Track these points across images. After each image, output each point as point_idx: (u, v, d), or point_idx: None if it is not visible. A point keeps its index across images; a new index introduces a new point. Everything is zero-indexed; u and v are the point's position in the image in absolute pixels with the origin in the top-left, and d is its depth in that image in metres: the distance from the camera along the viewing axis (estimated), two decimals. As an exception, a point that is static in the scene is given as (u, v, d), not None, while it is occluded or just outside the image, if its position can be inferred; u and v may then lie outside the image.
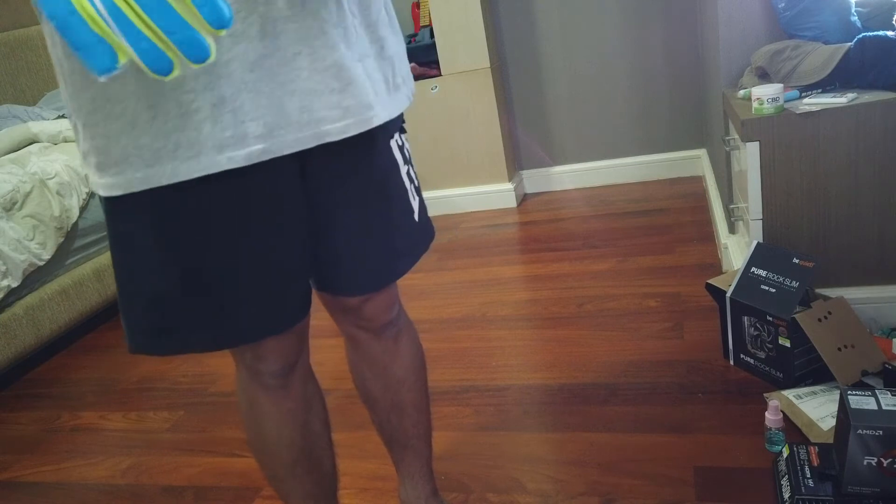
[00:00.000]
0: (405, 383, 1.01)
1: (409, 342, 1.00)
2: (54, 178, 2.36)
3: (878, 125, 1.38)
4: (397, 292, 0.94)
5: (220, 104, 0.65)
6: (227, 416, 1.72)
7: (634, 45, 2.79)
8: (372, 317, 0.92)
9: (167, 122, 0.65)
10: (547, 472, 1.28)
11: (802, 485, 1.04)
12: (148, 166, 0.67)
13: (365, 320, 0.93)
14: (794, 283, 1.34)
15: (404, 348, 0.99)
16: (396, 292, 0.94)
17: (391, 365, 0.99)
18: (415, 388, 1.03)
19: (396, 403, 1.03)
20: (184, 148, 0.66)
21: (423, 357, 1.03)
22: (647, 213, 2.58)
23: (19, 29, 3.27)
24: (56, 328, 2.29)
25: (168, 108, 0.65)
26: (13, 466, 1.68)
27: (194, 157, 0.67)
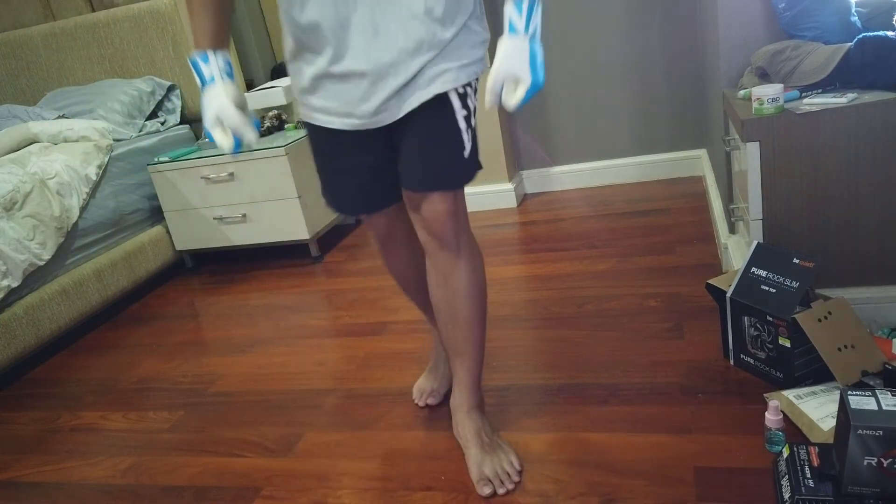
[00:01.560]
0: (459, 296, 1.22)
1: (468, 261, 1.22)
2: (54, 178, 2.36)
3: (878, 125, 1.38)
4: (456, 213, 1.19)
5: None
6: (227, 415, 1.72)
7: (635, 46, 2.79)
8: (430, 218, 1.18)
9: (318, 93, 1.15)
10: (547, 473, 1.28)
11: (803, 485, 1.04)
12: (309, 111, 1.19)
13: (427, 221, 1.20)
14: (794, 284, 1.34)
15: (464, 264, 1.22)
16: (454, 211, 1.18)
17: (450, 276, 1.22)
18: (468, 303, 1.23)
19: (452, 314, 1.26)
20: (320, 112, 1.17)
21: (482, 281, 1.24)
22: (648, 213, 2.58)
23: (19, 29, 3.27)
24: (56, 328, 2.29)
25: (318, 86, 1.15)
26: (13, 466, 1.68)
27: (327, 116, 1.16)
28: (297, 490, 1.37)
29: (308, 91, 1.15)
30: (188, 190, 2.74)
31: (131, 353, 2.23)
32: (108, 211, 2.60)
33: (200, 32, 1.13)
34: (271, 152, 2.57)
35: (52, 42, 3.22)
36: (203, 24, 1.13)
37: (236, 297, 2.56)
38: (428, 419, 1.53)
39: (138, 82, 3.06)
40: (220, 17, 1.14)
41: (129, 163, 2.77)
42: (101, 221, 2.56)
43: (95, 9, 3.26)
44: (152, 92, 3.07)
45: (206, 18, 1.13)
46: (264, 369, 1.93)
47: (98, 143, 2.63)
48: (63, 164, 2.43)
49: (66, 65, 3.25)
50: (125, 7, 3.09)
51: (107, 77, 3.21)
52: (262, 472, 1.46)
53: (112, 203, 2.63)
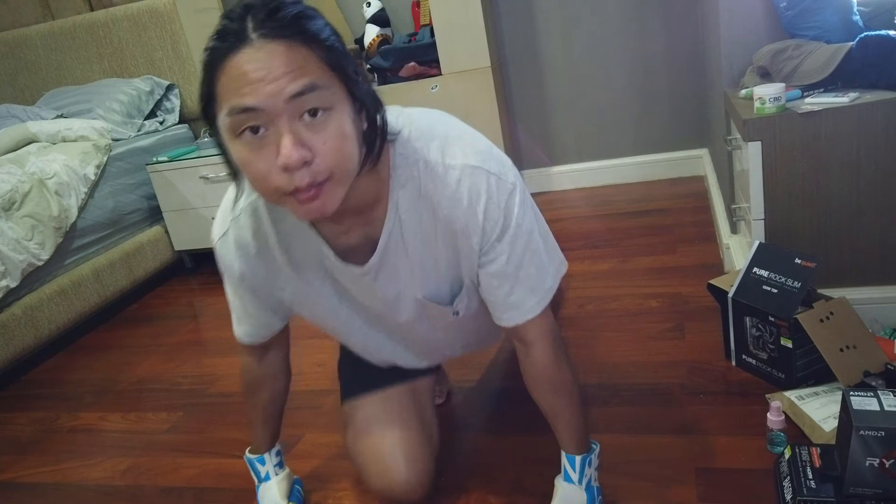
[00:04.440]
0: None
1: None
2: (53, 178, 2.36)
3: (879, 125, 1.37)
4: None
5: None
6: (226, 416, 1.72)
7: (635, 45, 2.78)
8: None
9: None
10: (547, 473, 1.27)
11: (804, 486, 1.04)
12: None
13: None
14: (795, 284, 1.34)
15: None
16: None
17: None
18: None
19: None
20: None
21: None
22: (649, 213, 2.57)
23: (19, 28, 3.26)
24: (55, 328, 2.29)
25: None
26: (12, 467, 1.67)
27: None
28: (297, 491, 1.37)
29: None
30: (187, 190, 2.74)
31: (130, 354, 2.22)
32: (106, 211, 2.59)
33: (260, 440, 1.27)
34: (271, 152, 2.56)
35: (50, 41, 3.21)
36: (263, 435, 1.27)
37: (236, 297, 2.56)
38: (428, 420, 1.52)
39: (137, 82, 3.05)
40: (277, 425, 1.28)
41: (128, 162, 2.76)
42: (100, 221, 2.56)
43: (94, 8, 3.25)
44: (151, 91, 3.06)
45: (268, 430, 1.27)
46: (264, 370, 1.92)
47: (97, 143, 2.63)
48: (62, 164, 2.42)
49: (65, 64, 3.24)
50: (124, 6, 3.09)
51: (105, 77, 3.20)
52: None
53: (111, 203, 2.62)
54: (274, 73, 0.72)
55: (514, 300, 0.99)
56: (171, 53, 3.09)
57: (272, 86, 0.72)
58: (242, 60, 0.72)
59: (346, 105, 0.78)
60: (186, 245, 2.87)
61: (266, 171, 0.75)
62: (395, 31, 2.99)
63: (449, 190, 0.91)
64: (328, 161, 0.76)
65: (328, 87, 0.75)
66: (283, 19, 0.73)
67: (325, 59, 0.76)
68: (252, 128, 0.74)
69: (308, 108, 0.74)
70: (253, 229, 0.99)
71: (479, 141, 0.95)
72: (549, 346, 1.05)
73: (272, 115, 0.73)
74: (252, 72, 0.72)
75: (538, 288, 1.00)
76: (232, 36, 0.73)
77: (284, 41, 0.73)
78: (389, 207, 0.92)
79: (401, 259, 0.97)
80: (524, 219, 0.94)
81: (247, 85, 0.72)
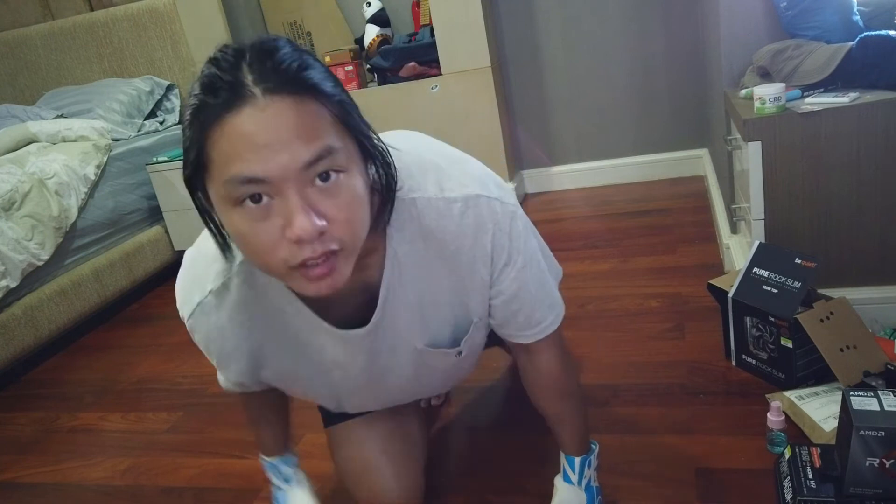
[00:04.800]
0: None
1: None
2: (53, 178, 2.36)
3: (880, 125, 1.37)
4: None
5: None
6: (226, 417, 1.72)
7: (635, 45, 2.78)
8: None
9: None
10: (547, 474, 1.27)
11: (804, 486, 1.04)
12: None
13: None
14: (796, 284, 1.34)
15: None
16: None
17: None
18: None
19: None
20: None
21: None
22: (649, 213, 2.57)
23: (19, 28, 3.26)
24: (55, 328, 2.29)
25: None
26: (11, 467, 1.67)
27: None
28: (297, 491, 1.37)
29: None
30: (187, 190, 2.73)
31: (130, 354, 2.22)
32: (106, 211, 2.59)
33: (278, 439, 1.17)
34: (271, 152, 2.57)
35: (50, 41, 3.21)
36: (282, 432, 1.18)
37: (236, 297, 2.55)
38: (428, 420, 1.52)
39: (137, 82, 3.05)
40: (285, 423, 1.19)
41: (128, 162, 2.76)
42: (100, 221, 2.55)
43: (94, 8, 3.25)
44: (151, 91, 3.06)
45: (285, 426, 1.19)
46: (264, 370, 1.92)
47: (97, 143, 2.63)
48: (62, 164, 2.42)
49: (65, 64, 3.24)
50: (124, 6, 3.09)
51: (105, 76, 3.20)
52: (261, 473, 1.44)
53: (111, 203, 2.62)
54: (284, 138, 0.61)
55: (535, 320, 0.96)
56: (171, 53, 3.09)
57: (284, 154, 0.61)
58: (245, 122, 0.61)
59: (358, 164, 0.70)
60: (186, 245, 2.84)
61: (271, 244, 0.65)
62: (395, 31, 2.99)
63: (453, 224, 0.83)
64: (342, 230, 0.67)
65: (342, 148, 0.66)
66: (288, 71, 0.63)
67: (336, 113, 0.66)
68: (253, 195, 0.64)
69: (320, 172, 0.64)
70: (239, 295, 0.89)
71: (470, 165, 0.89)
72: (557, 353, 1.03)
73: (280, 185, 0.63)
74: (258, 136, 0.61)
75: (553, 303, 0.99)
76: (227, 90, 0.61)
77: (291, 97, 0.62)
78: (387, 256, 0.83)
79: (400, 310, 0.88)
80: (528, 240, 0.91)
81: (251, 152, 0.61)
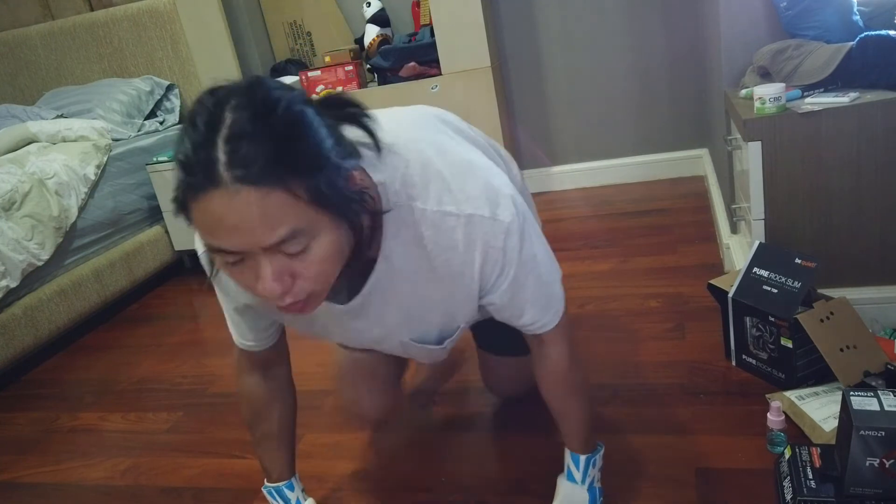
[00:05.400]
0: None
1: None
2: (53, 178, 2.36)
3: (880, 125, 1.37)
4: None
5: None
6: (226, 417, 1.72)
7: (635, 44, 2.78)
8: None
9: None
10: (548, 473, 1.27)
11: (804, 486, 1.04)
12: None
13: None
14: (796, 284, 1.34)
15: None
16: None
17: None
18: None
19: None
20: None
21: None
22: (649, 213, 2.57)
23: (19, 28, 3.26)
24: (55, 328, 2.29)
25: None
26: (11, 467, 1.67)
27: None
28: (297, 491, 1.37)
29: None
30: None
31: (130, 354, 2.22)
32: (106, 211, 2.59)
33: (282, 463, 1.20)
34: (271, 152, 2.56)
35: (50, 41, 3.21)
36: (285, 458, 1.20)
37: (235, 297, 2.55)
38: (428, 420, 1.52)
39: (137, 82, 3.05)
40: (294, 445, 1.22)
41: (128, 162, 2.76)
42: (100, 221, 2.55)
43: (94, 8, 3.25)
44: (151, 91, 3.06)
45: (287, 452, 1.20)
46: (264, 370, 1.92)
47: (97, 143, 2.63)
48: (62, 164, 2.42)
49: (65, 64, 3.24)
50: (124, 6, 3.09)
51: (105, 76, 3.20)
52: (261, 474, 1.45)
53: (111, 203, 2.62)
54: (249, 226, 0.66)
55: (528, 319, 1.00)
56: (171, 53, 3.09)
57: (249, 237, 0.67)
58: (215, 205, 0.66)
59: (330, 228, 0.73)
60: (186, 245, 2.87)
61: (247, 286, 0.73)
62: (395, 31, 2.99)
63: (445, 238, 0.87)
64: (311, 283, 0.74)
65: (310, 225, 0.70)
66: (257, 162, 0.65)
67: (306, 195, 0.68)
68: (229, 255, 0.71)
69: (286, 247, 0.70)
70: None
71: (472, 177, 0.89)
72: (565, 348, 1.06)
73: (251, 253, 0.70)
74: (226, 219, 0.66)
75: (549, 304, 1.01)
76: (200, 171, 0.65)
77: (258, 190, 0.65)
78: (380, 257, 0.88)
79: (385, 306, 0.94)
80: (524, 250, 0.91)
81: (222, 230, 0.67)
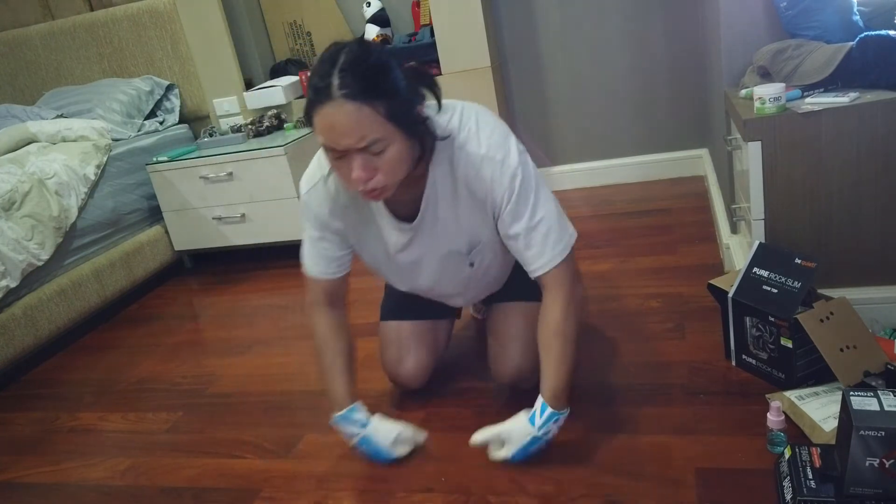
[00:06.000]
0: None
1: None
2: (53, 178, 2.36)
3: (880, 125, 1.37)
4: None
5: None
6: (226, 417, 1.72)
7: (635, 45, 2.78)
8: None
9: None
10: (548, 474, 1.27)
11: (804, 486, 1.04)
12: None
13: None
14: (796, 284, 1.34)
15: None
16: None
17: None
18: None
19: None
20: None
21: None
22: (649, 213, 2.57)
23: (19, 28, 3.26)
24: (54, 328, 2.29)
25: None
26: (11, 467, 1.67)
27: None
28: (297, 491, 1.37)
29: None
30: (187, 190, 2.74)
31: (130, 354, 2.22)
32: (106, 211, 2.59)
33: (346, 389, 1.36)
34: (270, 152, 2.57)
35: (50, 41, 3.21)
36: (349, 383, 1.37)
37: (235, 297, 2.56)
38: (428, 420, 1.52)
39: (137, 82, 3.05)
40: (352, 373, 1.39)
41: (128, 162, 2.76)
42: (100, 221, 2.55)
43: (94, 8, 3.25)
44: (151, 91, 3.06)
45: (351, 378, 1.38)
46: (263, 370, 1.92)
47: (97, 143, 2.63)
48: (61, 164, 2.42)
49: (65, 64, 3.24)
50: (124, 6, 3.09)
51: (105, 76, 3.20)
52: (261, 474, 1.45)
53: (111, 203, 2.62)
54: (348, 131, 1.03)
55: (532, 254, 1.23)
56: (171, 53, 3.09)
57: (348, 140, 1.04)
58: (328, 114, 1.03)
59: (401, 140, 1.08)
60: (186, 245, 2.87)
61: (343, 176, 1.11)
62: (395, 31, 2.99)
63: (471, 169, 1.21)
64: (384, 178, 1.10)
65: (386, 136, 1.06)
66: (358, 84, 1.01)
67: (385, 113, 1.04)
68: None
69: (371, 149, 1.06)
70: (337, 187, 1.29)
71: (495, 132, 1.21)
72: (562, 296, 1.24)
73: (348, 152, 1.07)
74: (335, 126, 1.04)
75: (554, 246, 1.23)
76: (322, 90, 1.03)
77: (355, 104, 1.02)
78: (428, 182, 1.23)
79: (435, 218, 1.27)
80: (528, 195, 1.21)
81: (331, 133, 1.05)
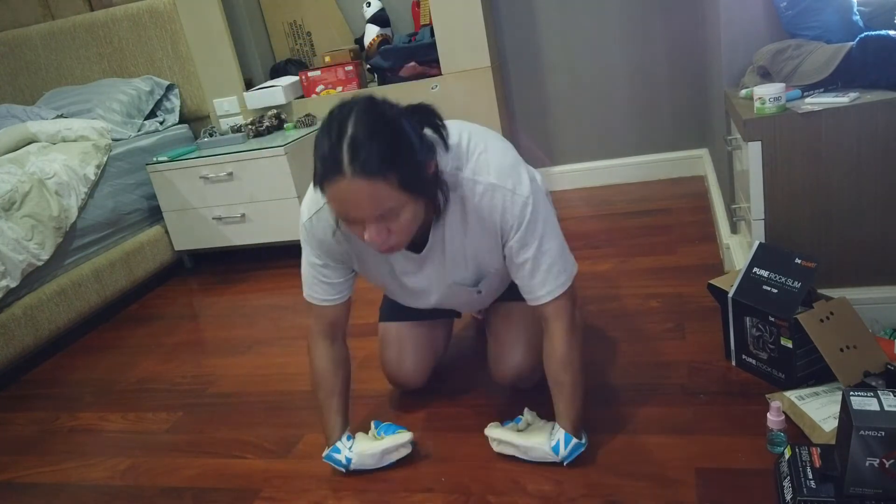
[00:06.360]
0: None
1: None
2: (53, 178, 2.36)
3: (880, 125, 1.37)
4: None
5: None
6: (226, 417, 1.72)
7: (635, 45, 2.78)
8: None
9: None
10: (548, 474, 1.27)
11: (804, 486, 1.04)
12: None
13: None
14: (796, 284, 1.34)
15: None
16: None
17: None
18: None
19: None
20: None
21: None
22: (649, 213, 2.57)
23: (19, 28, 3.26)
24: (55, 328, 2.29)
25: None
26: (11, 467, 1.67)
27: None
28: (297, 491, 1.37)
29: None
30: (187, 190, 2.74)
31: (130, 354, 2.22)
32: (106, 211, 2.59)
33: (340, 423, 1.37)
34: (270, 152, 2.57)
35: (50, 41, 3.21)
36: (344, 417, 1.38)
37: (235, 297, 2.56)
38: (428, 420, 1.52)
39: (137, 82, 3.05)
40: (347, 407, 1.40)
41: (128, 162, 2.76)
42: (100, 221, 2.55)
43: (94, 8, 3.25)
44: (151, 91, 3.06)
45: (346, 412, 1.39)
46: (263, 370, 1.92)
47: (97, 143, 2.63)
48: (62, 164, 2.42)
49: (65, 64, 3.24)
50: (124, 6, 3.09)
51: (105, 76, 3.20)
52: (261, 474, 1.45)
53: (111, 203, 2.62)
54: (362, 204, 1.03)
55: (537, 283, 1.22)
56: (171, 53, 3.09)
57: (361, 212, 1.05)
58: (340, 188, 1.02)
59: (414, 202, 1.09)
60: (186, 245, 2.87)
61: (356, 233, 1.10)
62: (395, 31, 2.99)
63: (476, 199, 1.20)
64: (399, 238, 1.11)
65: (399, 203, 1.06)
66: (369, 164, 1.00)
67: (399, 183, 1.04)
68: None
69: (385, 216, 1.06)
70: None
71: (505, 159, 1.27)
72: (565, 326, 1.24)
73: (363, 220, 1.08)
74: (348, 199, 1.03)
75: (557, 276, 1.22)
76: (332, 165, 1.02)
77: (368, 180, 1.01)
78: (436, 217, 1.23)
79: (442, 253, 1.27)
80: (537, 224, 1.20)
81: (343, 206, 1.05)
